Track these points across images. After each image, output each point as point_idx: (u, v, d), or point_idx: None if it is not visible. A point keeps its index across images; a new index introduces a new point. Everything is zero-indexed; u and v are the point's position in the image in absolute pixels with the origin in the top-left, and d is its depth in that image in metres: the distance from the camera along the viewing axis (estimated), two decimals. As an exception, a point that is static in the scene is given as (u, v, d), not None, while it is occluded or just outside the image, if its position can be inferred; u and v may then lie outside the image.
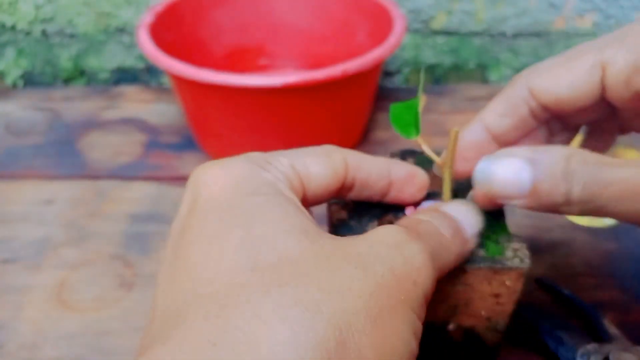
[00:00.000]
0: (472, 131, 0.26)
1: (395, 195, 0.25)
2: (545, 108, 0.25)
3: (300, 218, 0.19)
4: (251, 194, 0.19)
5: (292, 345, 0.15)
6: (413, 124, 0.24)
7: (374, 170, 0.24)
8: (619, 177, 0.21)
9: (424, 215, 0.22)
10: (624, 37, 0.23)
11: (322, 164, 0.22)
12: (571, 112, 0.25)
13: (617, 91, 0.23)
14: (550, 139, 0.27)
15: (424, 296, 0.19)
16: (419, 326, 0.18)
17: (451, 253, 0.22)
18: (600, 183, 0.21)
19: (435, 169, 0.28)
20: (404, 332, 0.17)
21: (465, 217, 0.23)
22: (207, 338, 0.15)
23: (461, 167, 0.26)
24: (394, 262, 0.18)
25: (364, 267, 0.17)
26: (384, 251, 0.18)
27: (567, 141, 0.28)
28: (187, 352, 0.15)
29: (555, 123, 0.27)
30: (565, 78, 0.24)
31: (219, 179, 0.20)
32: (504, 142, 0.27)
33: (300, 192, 0.21)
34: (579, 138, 0.26)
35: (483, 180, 0.22)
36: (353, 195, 0.24)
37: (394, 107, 0.25)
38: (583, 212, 0.22)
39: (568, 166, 0.21)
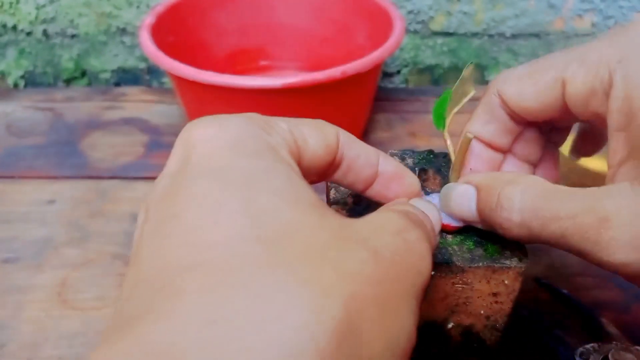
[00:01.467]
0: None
1: (379, 190, 0.24)
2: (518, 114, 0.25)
3: (305, 189, 0.18)
4: (252, 156, 0.18)
5: (305, 329, 0.13)
6: (443, 118, 0.27)
7: (363, 153, 0.23)
8: (563, 212, 0.20)
9: (405, 206, 0.21)
10: (586, 56, 0.23)
11: (317, 135, 0.21)
12: (544, 119, 0.25)
13: (577, 109, 0.23)
14: (543, 139, 0.27)
15: (424, 286, 0.18)
16: (418, 316, 0.18)
17: (433, 246, 0.21)
18: (540, 217, 0.21)
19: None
20: (408, 321, 0.17)
21: (434, 215, 0.22)
22: (204, 315, 0.13)
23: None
24: (398, 249, 0.17)
25: (374, 252, 0.16)
26: (388, 238, 0.18)
27: (561, 140, 0.28)
28: (181, 331, 0.13)
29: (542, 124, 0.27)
30: (530, 90, 0.24)
31: (215, 136, 0.18)
32: (497, 147, 0.27)
33: (297, 160, 0.20)
34: (568, 142, 0.26)
35: (444, 203, 0.25)
36: (339, 175, 0.23)
37: (444, 94, 0.27)
38: (531, 242, 0.22)
39: (503, 195, 0.22)
